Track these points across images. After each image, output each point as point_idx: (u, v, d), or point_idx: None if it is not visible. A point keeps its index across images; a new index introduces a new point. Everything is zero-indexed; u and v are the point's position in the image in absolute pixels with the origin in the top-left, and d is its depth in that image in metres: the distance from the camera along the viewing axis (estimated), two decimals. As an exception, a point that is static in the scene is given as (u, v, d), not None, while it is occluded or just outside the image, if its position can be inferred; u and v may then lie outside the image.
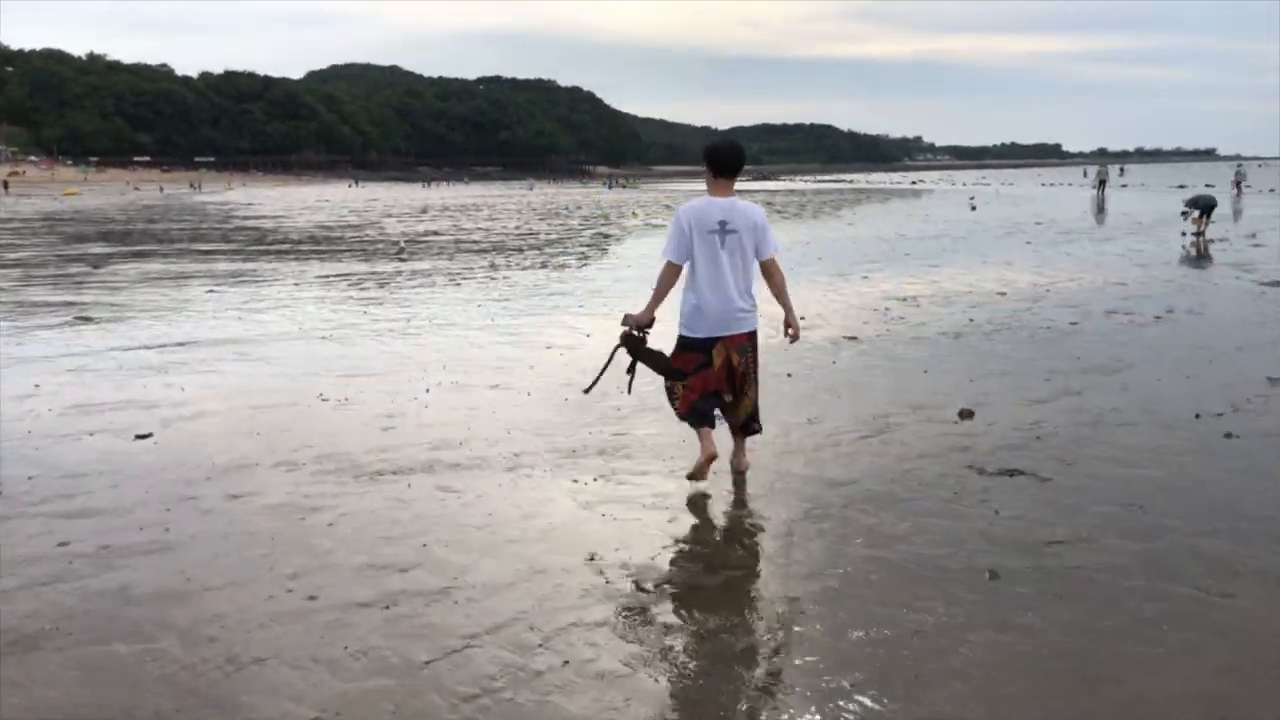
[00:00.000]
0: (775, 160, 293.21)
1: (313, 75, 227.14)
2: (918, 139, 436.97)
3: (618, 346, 4.92)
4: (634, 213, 37.79)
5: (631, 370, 4.96)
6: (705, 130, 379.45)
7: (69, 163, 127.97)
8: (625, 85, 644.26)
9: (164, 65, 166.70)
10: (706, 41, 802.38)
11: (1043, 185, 70.70)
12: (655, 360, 4.89)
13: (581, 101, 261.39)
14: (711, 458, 4.78)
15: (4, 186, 69.17)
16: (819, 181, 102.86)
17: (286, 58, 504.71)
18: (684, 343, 4.81)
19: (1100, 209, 35.43)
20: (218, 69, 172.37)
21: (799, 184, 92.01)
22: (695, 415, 4.82)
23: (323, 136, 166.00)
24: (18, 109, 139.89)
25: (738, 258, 4.66)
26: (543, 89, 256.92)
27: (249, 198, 62.13)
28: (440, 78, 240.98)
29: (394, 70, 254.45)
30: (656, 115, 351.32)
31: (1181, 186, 50.34)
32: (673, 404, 4.94)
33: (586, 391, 5.36)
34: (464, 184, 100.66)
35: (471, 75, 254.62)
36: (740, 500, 4.86)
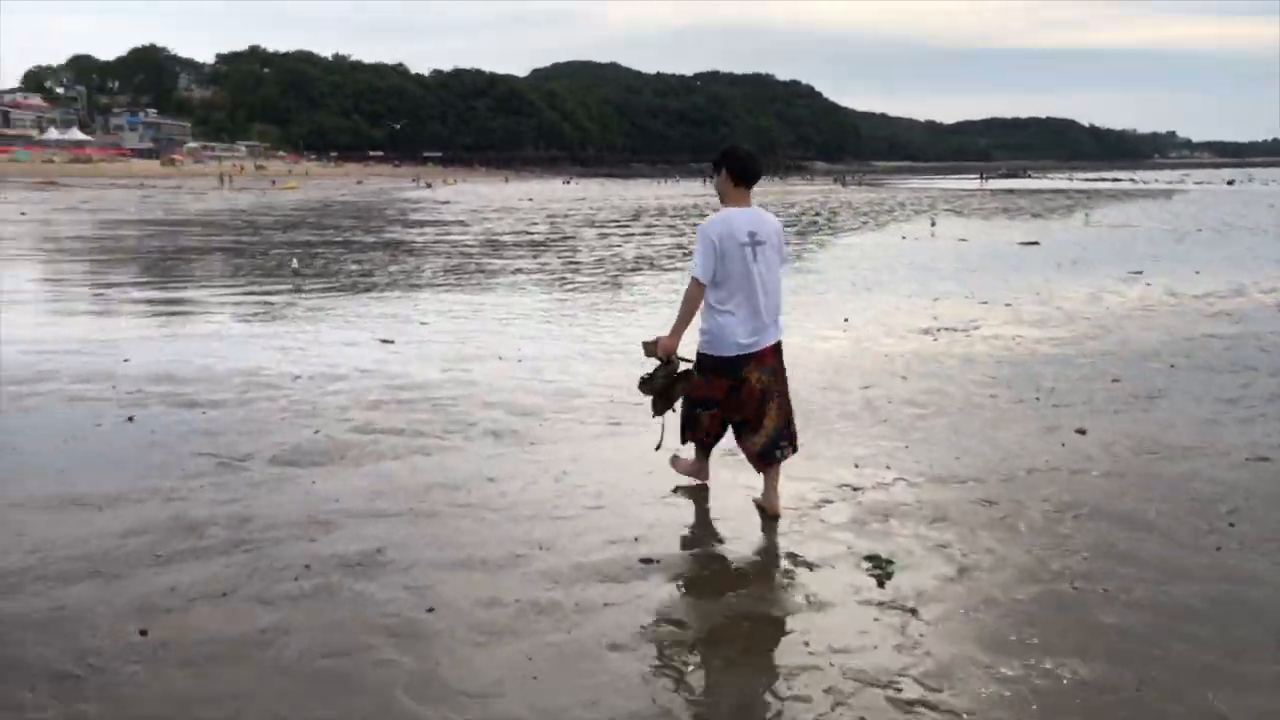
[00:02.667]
0: (1006, 156, 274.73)
1: (536, 73, 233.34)
2: (1170, 134, 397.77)
3: (646, 380, 4.58)
4: (932, 222, 28.46)
5: (668, 407, 4.59)
6: (929, 124, 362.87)
7: (313, 158, 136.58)
8: (844, 78, 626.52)
9: (399, 64, 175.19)
10: (927, 31, 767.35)
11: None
12: (687, 384, 4.52)
13: (799, 95, 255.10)
14: (703, 482, 4.82)
15: (220, 179, 72.26)
16: (1082, 180, 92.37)
17: (511, 56, 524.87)
18: (712, 364, 4.48)
19: None
20: (447, 67, 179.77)
21: (1060, 182, 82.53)
22: (708, 444, 4.68)
23: (543, 133, 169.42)
24: (271, 108, 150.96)
25: (766, 269, 4.41)
26: (760, 83, 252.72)
27: (457, 194, 61.75)
28: (658, 74, 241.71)
29: (613, 67, 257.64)
30: (877, 109, 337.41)
31: None
32: (688, 430, 4.67)
33: (657, 449, 4.81)
34: (675, 182, 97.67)
35: (689, 71, 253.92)
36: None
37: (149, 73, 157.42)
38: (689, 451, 4.89)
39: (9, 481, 4.92)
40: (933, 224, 24.91)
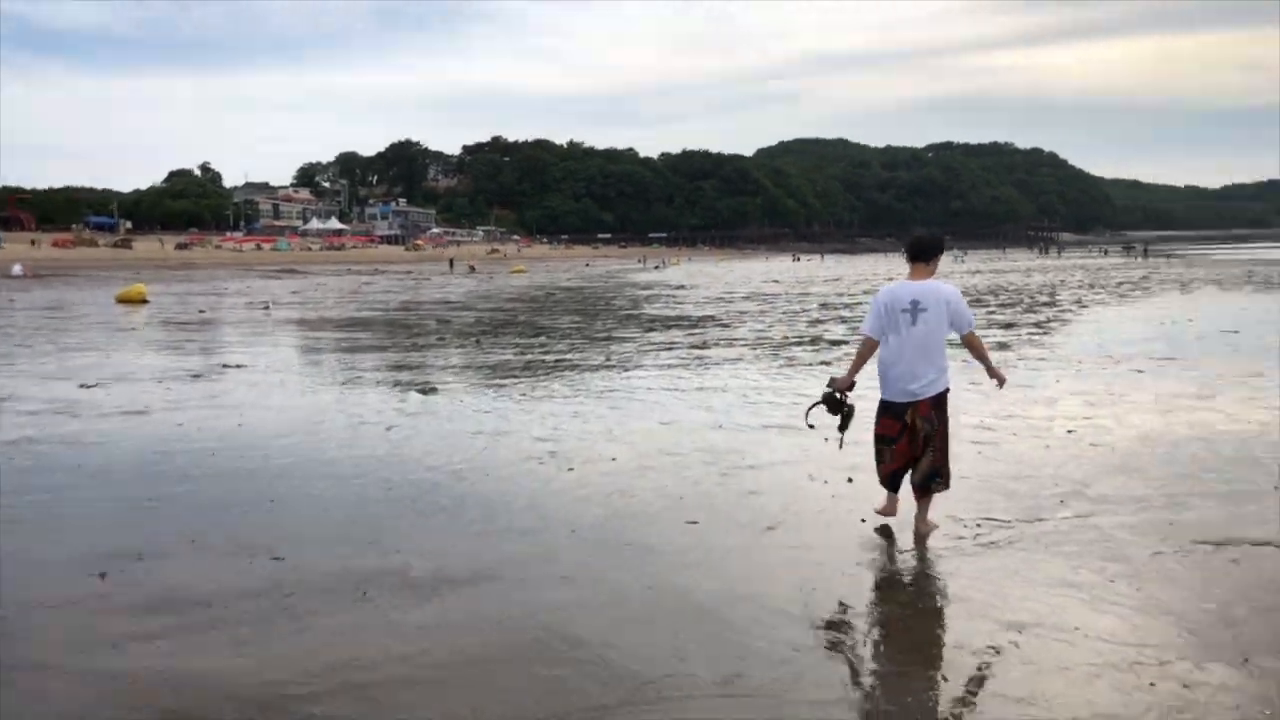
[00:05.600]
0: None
1: (762, 152, 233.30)
2: None
3: (817, 403, 5.57)
4: None
5: (842, 427, 5.51)
6: (1191, 190, 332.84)
7: (544, 241, 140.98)
8: (1088, 146, 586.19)
9: (630, 149, 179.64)
10: (1186, 90, 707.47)
11: None
12: (851, 417, 5.49)
13: (1041, 164, 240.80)
14: (891, 514, 5.46)
15: (451, 265, 72.86)
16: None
17: (736, 137, 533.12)
18: (882, 406, 5.31)
19: None
20: (676, 150, 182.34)
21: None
22: (890, 483, 5.40)
23: (768, 210, 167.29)
24: (508, 193, 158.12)
25: (926, 332, 5.12)
26: (998, 152, 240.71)
27: (688, 276, 58.88)
28: (888, 146, 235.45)
29: (841, 143, 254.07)
30: (1127, 175, 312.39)
31: None
32: (879, 465, 5.41)
33: (840, 448, 5.68)
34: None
35: (920, 144, 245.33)
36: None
37: (402, 165, 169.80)
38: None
39: None
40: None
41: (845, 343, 15.60)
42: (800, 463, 7.01)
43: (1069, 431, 7.96)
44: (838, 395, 5.42)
